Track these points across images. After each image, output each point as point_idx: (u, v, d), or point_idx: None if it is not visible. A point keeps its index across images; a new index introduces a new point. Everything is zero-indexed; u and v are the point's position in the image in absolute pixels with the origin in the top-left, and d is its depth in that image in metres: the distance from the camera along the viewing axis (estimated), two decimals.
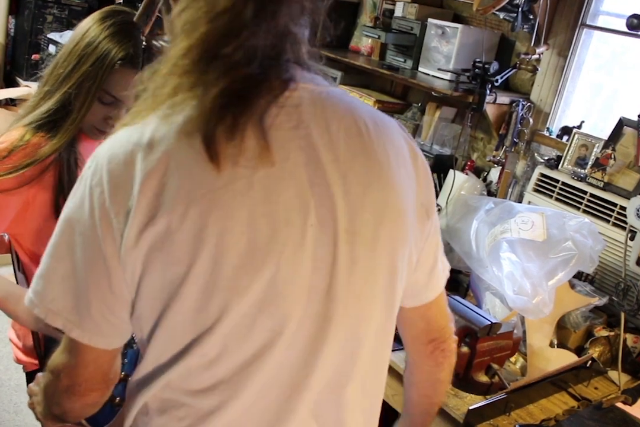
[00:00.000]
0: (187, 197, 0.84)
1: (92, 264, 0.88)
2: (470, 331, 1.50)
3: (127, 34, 1.48)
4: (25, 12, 4.38)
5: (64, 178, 1.52)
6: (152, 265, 0.86)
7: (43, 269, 0.92)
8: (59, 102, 1.49)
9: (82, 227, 0.88)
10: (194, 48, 0.83)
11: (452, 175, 2.57)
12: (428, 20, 2.74)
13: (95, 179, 0.87)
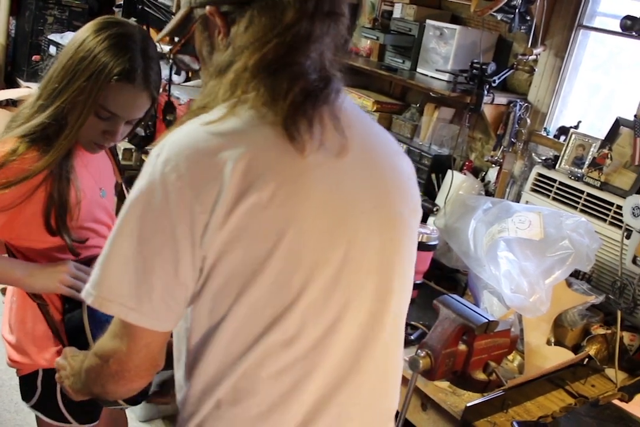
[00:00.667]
0: (277, 177, 0.92)
1: (161, 250, 0.91)
2: (467, 329, 1.51)
3: (123, 48, 1.45)
4: (26, 13, 4.39)
5: (56, 192, 1.50)
6: (237, 243, 0.91)
7: (102, 259, 0.95)
8: (52, 117, 1.46)
9: (152, 214, 0.91)
10: (264, 58, 0.94)
11: (450, 175, 2.59)
12: (426, 22, 2.76)
13: (170, 166, 0.90)
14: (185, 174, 0.89)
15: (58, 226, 1.52)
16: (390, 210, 1.06)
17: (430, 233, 2.21)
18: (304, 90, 0.95)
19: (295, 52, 0.95)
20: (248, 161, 0.90)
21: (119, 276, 0.93)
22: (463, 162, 2.76)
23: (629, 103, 2.27)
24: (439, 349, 1.49)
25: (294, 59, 0.95)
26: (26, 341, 1.67)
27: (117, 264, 0.93)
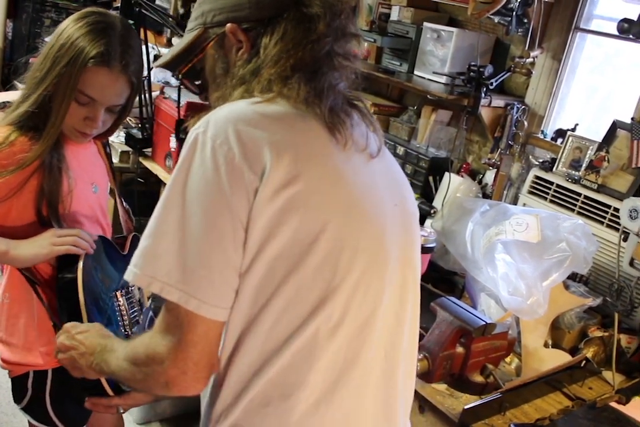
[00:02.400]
0: (323, 164, 0.98)
1: (216, 222, 0.89)
2: (465, 331, 1.51)
3: (99, 33, 1.47)
4: (23, 16, 4.40)
5: (48, 180, 1.51)
6: (287, 222, 0.92)
7: (148, 245, 0.91)
8: (35, 104, 1.48)
9: (204, 186, 0.90)
10: (302, 59, 1.02)
11: (447, 177, 2.59)
12: (423, 24, 2.76)
13: (220, 139, 0.92)
14: (235, 146, 0.91)
15: (50, 214, 1.52)
16: (406, 210, 1.15)
17: (427, 235, 2.21)
18: (339, 94, 1.05)
19: (328, 59, 1.04)
20: (296, 147, 0.95)
21: (175, 261, 0.89)
22: (460, 165, 2.77)
23: (626, 106, 2.28)
24: (437, 352, 1.49)
25: (328, 64, 1.04)
26: (18, 339, 1.67)
27: (168, 251, 0.89)
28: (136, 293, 1.51)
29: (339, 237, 0.96)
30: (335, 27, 1.04)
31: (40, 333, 1.63)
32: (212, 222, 0.89)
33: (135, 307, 1.47)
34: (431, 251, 2.24)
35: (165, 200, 0.92)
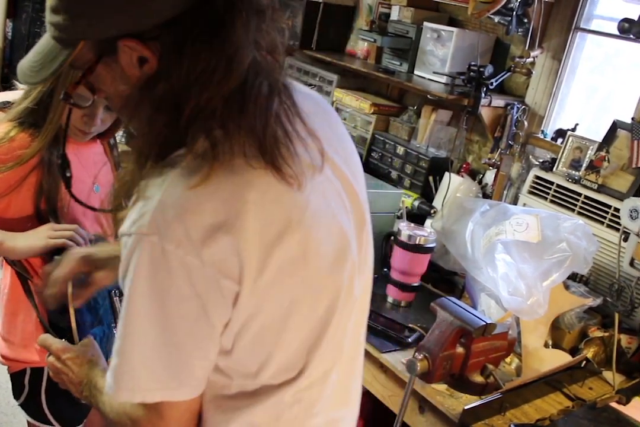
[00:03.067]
0: (293, 226, 0.87)
1: (195, 330, 0.86)
2: (465, 331, 1.51)
3: None
4: (22, 16, 4.39)
5: (46, 179, 1.51)
6: (269, 301, 0.88)
7: (122, 354, 0.88)
8: (34, 101, 1.49)
9: (176, 298, 0.83)
10: (220, 92, 0.83)
11: (447, 177, 2.59)
12: (424, 24, 2.76)
13: (182, 248, 0.81)
14: (202, 251, 0.81)
15: (48, 211, 1.52)
16: (361, 216, 1.05)
17: (427, 235, 2.21)
18: (273, 116, 0.86)
19: (253, 68, 0.85)
20: (261, 220, 0.84)
21: (153, 365, 0.87)
22: (460, 165, 2.76)
23: (626, 105, 2.27)
24: (437, 352, 1.49)
25: (253, 74, 0.85)
26: (15, 336, 1.67)
27: (144, 357, 0.87)
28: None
29: (316, 289, 0.94)
30: (254, 18, 0.84)
31: (38, 331, 1.64)
32: (191, 329, 0.86)
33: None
34: (431, 251, 2.24)
35: (131, 312, 0.86)
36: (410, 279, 2.22)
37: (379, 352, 1.93)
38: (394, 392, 1.93)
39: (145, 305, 0.84)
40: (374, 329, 2.00)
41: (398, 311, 2.21)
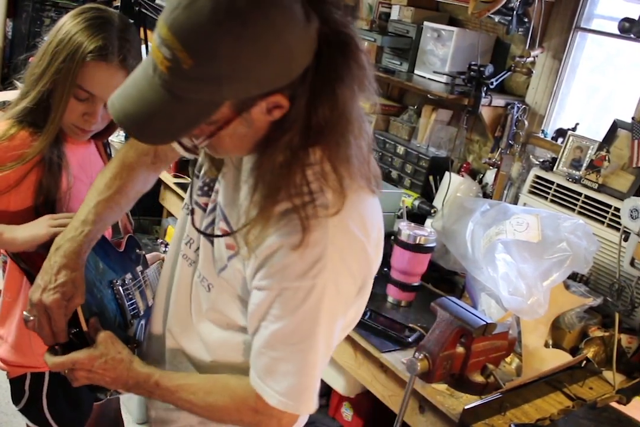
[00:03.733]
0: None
1: (329, 349, 1.06)
2: (465, 331, 1.50)
3: (97, 28, 1.45)
4: (23, 15, 4.39)
5: (46, 178, 1.50)
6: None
7: (304, 375, 1.03)
8: (34, 101, 1.47)
9: (334, 322, 1.03)
10: (344, 134, 0.98)
11: (448, 177, 2.59)
12: (424, 24, 2.76)
13: (342, 280, 1.00)
14: (357, 277, 1.03)
15: (47, 209, 1.52)
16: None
17: (427, 235, 2.21)
18: (371, 152, 1.06)
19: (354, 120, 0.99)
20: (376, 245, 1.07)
21: (312, 384, 1.04)
22: (461, 164, 2.76)
23: (626, 105, 2.27)
24: (437, 352, 1.49)
25: (357, 127, 1.00)
26: (15, 340, 1.66)
27: (317, 373, 1.04)
28: (133, 288, 1.49)
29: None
30: (360, 73, 0.95)
31: (34, 340, 1.63)
32: (328, 351, 1.06)
33: (134, 299, 1.46)
34: (431, 250, 2.24)
35: (314, 337, 1.01)
36: (410, 279, 2.22)
37: (379, 352, 1.93)
38: (394, 392, 1.93)
39: (319, 332, 1.00)
40: (374, 328, 2.00)
41: (398, 310, 2.21)
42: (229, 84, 0.85)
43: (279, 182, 0.95)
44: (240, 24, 0.81)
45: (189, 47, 0.81)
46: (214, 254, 1.10)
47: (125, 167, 1.27)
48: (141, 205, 2.80)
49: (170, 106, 0.88)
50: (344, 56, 0.91)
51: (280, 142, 0.93)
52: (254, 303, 1.03)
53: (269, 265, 0.98)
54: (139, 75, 0.90)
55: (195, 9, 0.81)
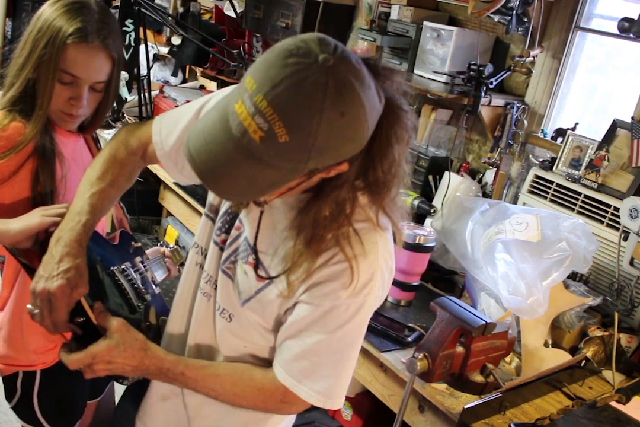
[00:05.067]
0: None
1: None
2: (465, 331, 1.51)
3: (75, 11, 1.48)
4: (22, 15, 4.39)
5: (41, 166, 1.51)
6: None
7: (339, 376, 1.15)
8: (19, 89, 1.50)
9: (363, 330, 1.18)
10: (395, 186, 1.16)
11: (447, 177, 2.59)
12: (423, 23, 2.76)
13: (377, 288, 1.12)
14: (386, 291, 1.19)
15: (44, 199, 1.52)
16: None
17: (427, 235, 2.21)
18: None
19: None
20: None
21: (347, 381, 1.17)
22: (460, 164, 2.76)
23: (626, 105, 2.28)
24: (437, 351, 1.49)
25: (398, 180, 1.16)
26: (8, 338, 1.66)
27: (350, 374, 1.17)
28: (134, 275, 1.49)
29: None
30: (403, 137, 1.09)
31: (31, 333, 1.63)
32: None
33: (136, 284, 1.45)
34: (431, 250, 2.24)
35: (350, 340, 1.15)
36: (410, 279, 2.22)
37: (379, 351, 1.93)
38: (394, 392, 1.93)
39: (359, 339, 1.17)
40: (374, 328, 2.00)
41: (398, 310, 2.21)
42: (315, 157, 0.93)
43: (324, 231, 1.07)
44: (339, 114, 0.90)
45: (289, 125, 0.88)
46: (239, 287, 1.18)
47: (117, 163, 1.32)
48: (141, 205, 2.80)
49: (256, 170, 0.94)
50: (398, 126, 1.04)
51: (329, 196, 1.05)
52: (299, 314, 1.12)
53: (321, 286, 1.09)
54: (219, 132, 0.94)
55: (300, 93, 0.88)
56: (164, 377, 1.19)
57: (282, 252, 1.12)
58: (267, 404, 1.19)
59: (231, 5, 3.63)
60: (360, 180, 1.07)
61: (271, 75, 0.89)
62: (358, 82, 0.92)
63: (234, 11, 3.62)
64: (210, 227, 1.28)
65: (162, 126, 1.29)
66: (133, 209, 3.46)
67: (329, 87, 0.89)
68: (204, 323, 1.26)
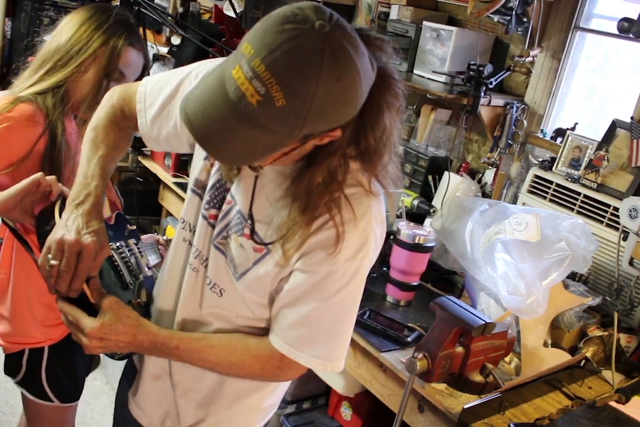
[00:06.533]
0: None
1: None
2: (464, 330, 1.50)
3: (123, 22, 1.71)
4: (21, 15, 4.38)
5: (51, 148, 1.58)
6: None
7: (339, 337, 1.18)
8: (54, 84, 1.62)
9: (360, 293, 1.17)
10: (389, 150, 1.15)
11: (447, 177, 2.59)
12: (423, 23, 2.76)
13: (371, 257, 1.15)
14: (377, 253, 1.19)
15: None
16: None
17: (427, 235, 2.21)
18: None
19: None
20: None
21: (347, 343, 1.19)
22: (460, 164, 2.76)
23: (625, 105, 2.28)
24: (436, 351, 1.49)
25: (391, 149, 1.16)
26: (12, 316, 1.68)
27: (348, 336, 1.19)
28: (128, 254, 1.50)
29: None
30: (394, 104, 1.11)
31: (38, 304, 1.66)
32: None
33: (129, 262, 1.46)
34: (430, 250, 2.24)
35: (347, 304, 1.16)
36: (409, 279, 2.22)
37: (379, 351, 1.93)
38: (394, 392, 1.93)
39: (356, 302, 1.17)
40: (374, 328, 2.00)
41: (397, 310, 2.21)
42: (311, 122, 0.95)
43: (317, 198, 1.08)
44: (335, 79, 0.92)
45: (286, 89, 0.90)
46: (234, 262, 1.19)
47: (116, 127, 1.34)
48: (140, 205, 2.80)
49: (252, 133, 0.95)
50: (389, 95, 1.06)
51: (322, 164, 1.07)
52: (295, 282, 1.14)
53: (315, 253, 1.10)
54: (216, 97, 0.95)
55: (297, 58, 0.90)
56: (158, 352, 1.21)
57: (278, 221, 1.13)
58: (264, 371, 1.21)
59: (231, 5, 3.63)
60: (352, 148, 1.08)
61: (268, 41, 0.90)
62: (353, 48, 0.94)
63: (233, 11, 3.62)
64: (197, 202, 1.28)
65: (146, 95, 1.31)
66: (133, 209, 3.45)
67: (325, 53, 0.91)
68: (192, 298, 1.27)
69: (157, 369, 1.35)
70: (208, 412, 1.33)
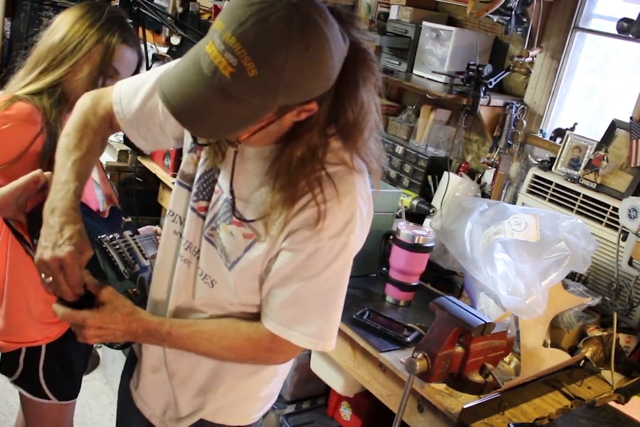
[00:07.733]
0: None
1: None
2: (464, 330, 1.50)
3: (117, 19, 1.70)
4: (21, 15, 4.39)
5: (49, 145, 1.57)
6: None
7: (329, 315, 1.20)
8: (51, 82, 1.62)
9: (346, 272, 1.18)
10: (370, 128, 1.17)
11: (446, 177, 2.59)
12: (422, 23, 2.76)
13: (357, 230, 1.15)
14: (367, 230, 1.21)
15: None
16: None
17: (426, 235, 2.21)
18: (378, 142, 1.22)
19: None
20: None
21: (337, 321, 1.21)
22: (459, 164, 2.76)
23: (624, 105, 2.28)
24: (436, 351, 1.49)
25: (372, 123, 1.17)
26: (10, 315, 1.68)
27: (338, 314, 1.20)
28: (122, 245, 1.50)
29: None
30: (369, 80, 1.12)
31: (35, 300, 1.66)
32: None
33: (124, 253, 1.47)
34: (430, 250, 2.24)
35: (336, 282, 1.17)
36: (409, 279, 2.22)
37: (378, 351, 1.93)
38: (393, 392, 1.93)
39: (345, 278, 1.18)
40: (373, 328, 2.00)
41: (397, 310, 2.21)
42: (284, 93, 0.97)
43: (297, 176, 1.09)
44: (304, 47, 0.94)
45: (257, 59, 0.92)
46: (225, 251, 1.20)
47: (90, 130, 1.35)
48: (140, 205, 2.80)
49: (227, 106, 0.98)
50: (364, 69, 1.08)
51: (301, 140, 1.08)
52: (282, 261, 1.15)
53: (301, 232, 1.11)
54: (191, 74, 0.98)
55: (266, 28, 0.92)
56: (152, 339, 1.23)
57: (258, 199, 1.15)
58: (255, 353, 1.23)
59: None
60: (332, 126, 1.10)
61: (238, 15, 0.93)
62: (322, 19, 0.96)
63: None
64: (186, 195, 1.30)
65: (122, 96, 1.32)
66: (132, 209, 3.45)
67: (293, 22, 0.93)
68: (184, 289, 1.29)
69: (155, 361, 1.37)
70: (206, 400, 1.34)
